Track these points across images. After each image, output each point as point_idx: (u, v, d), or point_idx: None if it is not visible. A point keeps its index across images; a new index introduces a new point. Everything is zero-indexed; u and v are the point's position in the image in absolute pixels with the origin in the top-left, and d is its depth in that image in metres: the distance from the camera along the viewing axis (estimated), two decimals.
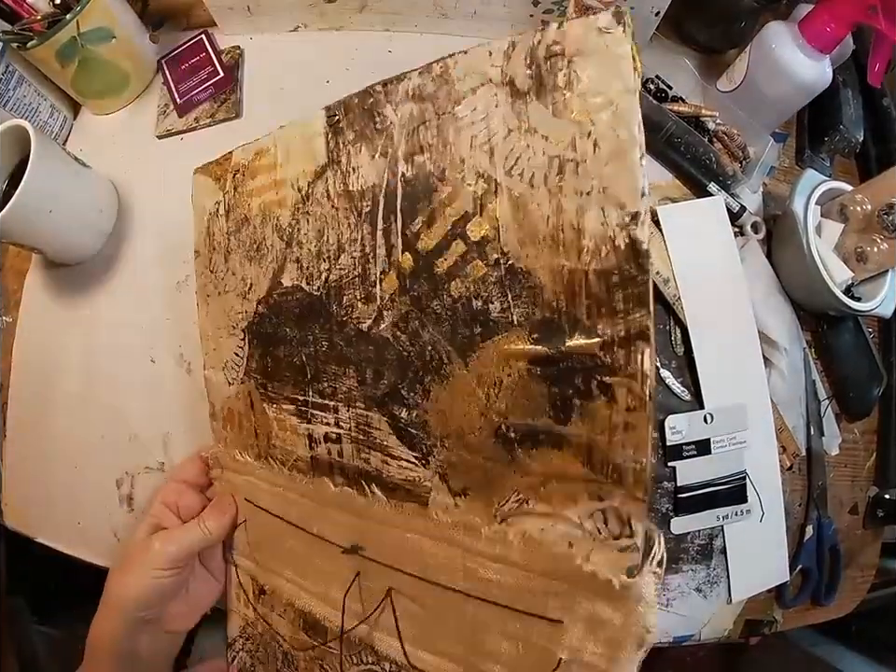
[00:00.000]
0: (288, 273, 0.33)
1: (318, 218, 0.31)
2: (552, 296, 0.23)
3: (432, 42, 0.56)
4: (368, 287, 0.29)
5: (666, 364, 0.48)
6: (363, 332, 0.30)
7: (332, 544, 0.34)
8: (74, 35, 0.48)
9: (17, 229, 0.45)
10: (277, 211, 0.34)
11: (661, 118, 0.52)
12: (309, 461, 0.34)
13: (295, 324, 0.33)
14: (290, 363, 0.34)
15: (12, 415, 0.51)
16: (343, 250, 0.30)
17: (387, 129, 0.29)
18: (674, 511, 0.46)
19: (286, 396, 0.35)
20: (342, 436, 0.32)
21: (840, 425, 0.53)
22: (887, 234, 0.47)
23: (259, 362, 0.36)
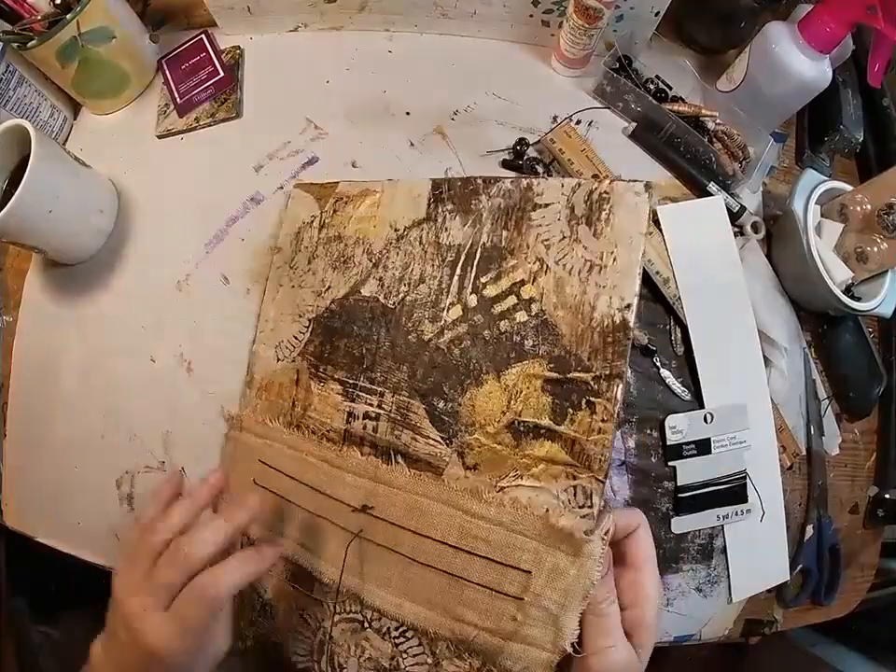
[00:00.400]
0: (369, 286, 0.43)
1: (407, 254, 0.42)
2: (567, 342, 0.35)
3: (432, 42, 0.56)
4: (437, 311, 0.40)
5: (666, 364, 0.48)
6: (424, 342, 0.40)
7: (343, 503, 0.40)
8: (74, 35, 0.48)
9: (17, 228, 0.45)
10: (372, 238, 0.44)
11: (661, 118, 0.52)
12: (342, 433, 0.42)
13: (364, 324, 0.42)
14: (349, 353, 0.43)
15: (12, 415, 0.51)
16: (423, 281, 0.41)
17: (479, 210, 0.40)
18: (674, 511, 0.46)
19: (336, 378, 0.43)
20: (380, 415, 0.40)
21: (840, 425, 0.53)
22: (887, 234, 0.47)
23: (317, 347, 0.44)
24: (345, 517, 0.40)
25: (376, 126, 0.53)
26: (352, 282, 0.44)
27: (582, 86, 0.55)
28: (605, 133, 0.54)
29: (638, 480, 0.46)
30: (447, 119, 0.53)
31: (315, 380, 0.44)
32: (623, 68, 0.52)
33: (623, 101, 0.53)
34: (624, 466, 0.46)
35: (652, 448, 0.47)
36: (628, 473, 0.46)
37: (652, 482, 0.46)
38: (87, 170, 0.50)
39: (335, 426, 0.42)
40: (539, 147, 0.52)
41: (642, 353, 0.48)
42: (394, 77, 0.55)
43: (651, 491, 0.46)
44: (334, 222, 0.46)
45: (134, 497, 0.47)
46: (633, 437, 0.47)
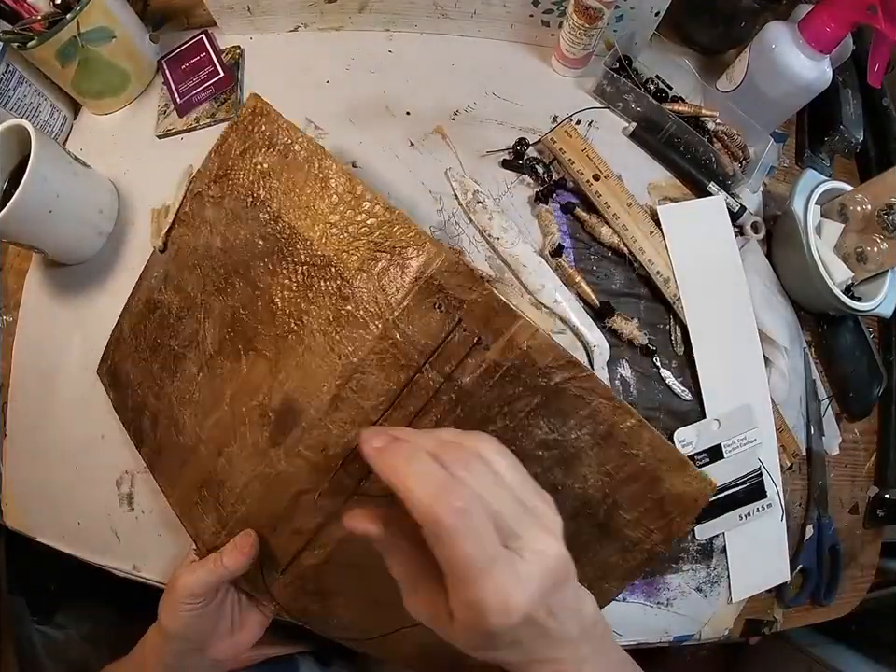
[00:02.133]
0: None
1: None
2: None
3: (432, 42, 0.56)
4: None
5: (666, 364, 0.48)
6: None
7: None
8: (74, 35, 0.48)
9: (17, 228, 0.45)
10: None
11: (661, 118, 0.52)
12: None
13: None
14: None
15: (12, 415, 0.51)
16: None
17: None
18: (696, 520, 0.46)
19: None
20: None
21: (840, 425, 0.53)
22: (887, 234, 0.48)
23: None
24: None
25: (376, 126, 0.53)
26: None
27: (582, 86, 0.55)
28: (605, 132, 0.54)
29: None
30: (447, 119, 0.53)
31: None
32: (623, 68, 0.52)
33: (623, 101, 0.53)
34: None
35: None
36: None
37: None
38: (87, 170, 0.50)
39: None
40: (539, 146, 0.52)
41: (642, 353, 0.48)
42: (394, 76, 0.55)
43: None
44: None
45: (134, 497, 0.47)
46: None
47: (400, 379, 0.32)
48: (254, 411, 0.37)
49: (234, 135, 0.40)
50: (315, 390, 0.34)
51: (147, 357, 0.43)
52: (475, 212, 0.49)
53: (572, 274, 0.48)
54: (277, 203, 0.37)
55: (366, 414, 0.33)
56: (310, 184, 0.35)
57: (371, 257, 0.33)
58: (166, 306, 0.42)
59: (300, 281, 0.35)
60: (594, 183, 0.50)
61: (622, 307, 0.49)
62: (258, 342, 0.37)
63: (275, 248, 0.36)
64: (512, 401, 0.33)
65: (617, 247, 0.49)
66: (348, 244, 0.34)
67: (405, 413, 0.33)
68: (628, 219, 0.49)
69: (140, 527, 0.47)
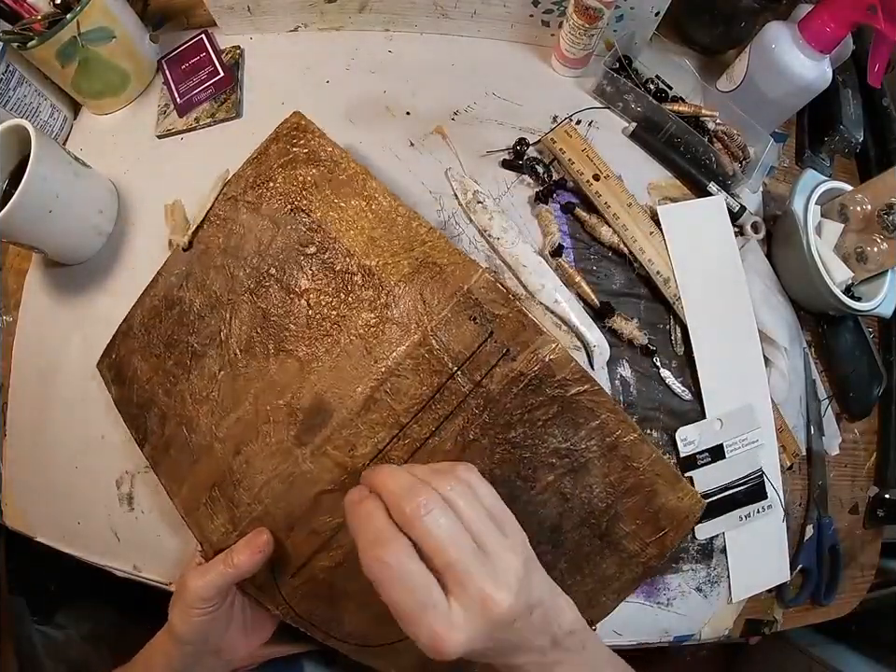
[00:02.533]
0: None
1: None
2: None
3: (432, 42, 0.56)
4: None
5: (666, 364, 0.48)
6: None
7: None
8: (74, 35, 0.48)
9: (17, 228, 0.45)
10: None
11: (661, 118, 0.52)
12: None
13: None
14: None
15: (12, 415, 0.51)
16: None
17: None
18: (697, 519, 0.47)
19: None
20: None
21: (840, 425, 0.53)
22: (887, 234, 0.48)
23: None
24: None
25: (376, 126, 0.53)
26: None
27: (582, 86, 0.55)
28: (605, 132, 0.54)
29: None
30: (447, 119, 0.53)
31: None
32: (623, 68, 0.52)
33: (623, 101, 0.53)
34: None
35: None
36: None
37: None
38: (87, 170, 0.50)
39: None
40: (539, 146, 0.52)
41: (642, 353, 0.48)
42: (394, 76, 0.55)
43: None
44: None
45: (134, 496, 0.47)
46: None
47: (434, 383, 0.35)
48: (280, 410, 0.38)
49: (275, 147, 0.43)
50: (348, 391, 0.36)
51: (160, 353, 0.43)
52: (475, 212, 0.49)
53: (572, 274, 0.48)
54: (320, 213, 0.40)
55: (397, 416, 0.36)
56: (355, 201, 0.39)
57: (413, 270, 0.37)
58: (187, 303, 0.43)
59: (339, 287, 0.38)
60: (594, 183, 0.50)
61: (622, 307, 0.49)
62: (288, 343, 0.39)
63: (315, 255, 0.39)
64: (532, 409, 0.36)
65: (617, 247, 0.49)
66: (390, 257, 0.37)
67: (434, 417, 0.36)
68: (628, 219, 0.49)
69: (140, 527, 0.47)
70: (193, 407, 0.41)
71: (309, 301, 0.39)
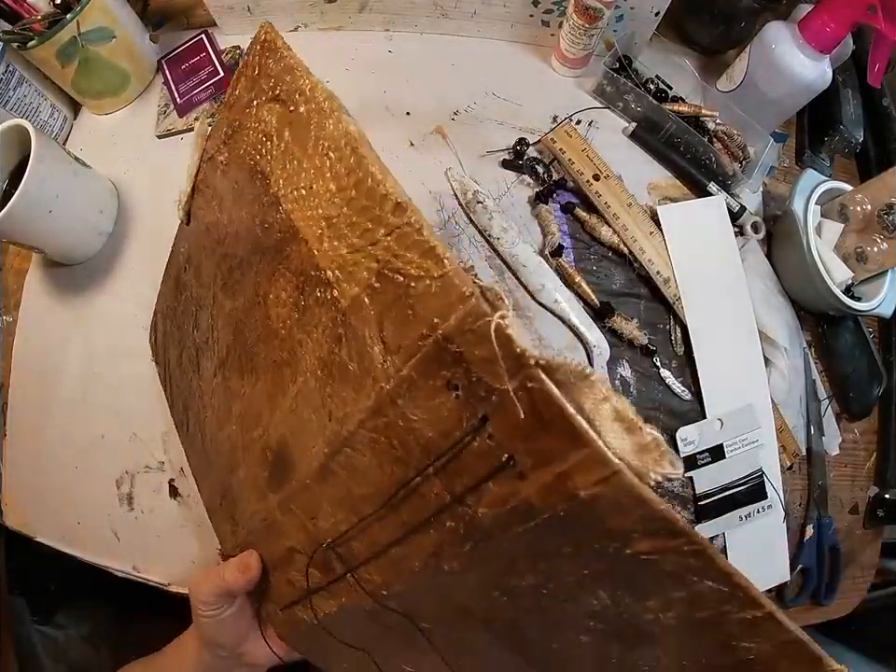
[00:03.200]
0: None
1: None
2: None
3: (432, 42, 0.56)
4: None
5: (666, 364, 0.48)
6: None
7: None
8: (74, 35, 0.48)
9: (17, 228, 0.45)
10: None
11: (661, 118, 0.52)
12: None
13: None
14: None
15: (12, 415, 0.51)
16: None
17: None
18: (696, 519, 0.46)
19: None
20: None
21: (840, 425, 0.53)
22: (887, 234, 0.47)
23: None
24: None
25: (376, 126, 0.53)
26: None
27: (582, 86, 0.55)
28: (605, 133, 0.54)
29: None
30: (447, 119, 0.53)
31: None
32: (623, 68, 0.52)
33: (623, 101, 0.53)
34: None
35: None
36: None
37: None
38: (87, 170, 0.50)
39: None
40: (539, 146, 0.52)
41: (642, 353, 0.48)
42: (394, 77, 0.55)
43: (662, 491, 0.46)
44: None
45: (134, 497, 0.47)
46: None
47: (395, 476, 0.22)
48: (255, 443, 0.31)
49: (243, 80, 0.30)
50: (306, 446, 0.26)
51: (178, 343, 0.39)
52: (475, 212, 0.49)
53: (572, 274, 0.48)
54: (276, 178, 0.27)
55: (354, 503, 0.24)
56: (310, 154, 0.25)
57: (371, 282, 0.21)
58: (189, 290, 0.36)
59: (293, 298, 0.26)
60: (594, 183, 0.50)
61: (622, 307, 0.49)
62: (256, 362, 0.30)
63: (273, 244, 0.27)
64: (552, 561, 0.20)
65: (617, 247, 0.49)
66: (346, 255, 0.23)
67: (398, 522, 0.23)
68: (628, 219, 0.49)
69: (140, 527, 0.47)
70: (203, 410, 0.36)
71: (269, 310, 0.28)
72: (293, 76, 0.27)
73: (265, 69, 0.29)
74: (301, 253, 0.25)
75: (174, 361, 0.40)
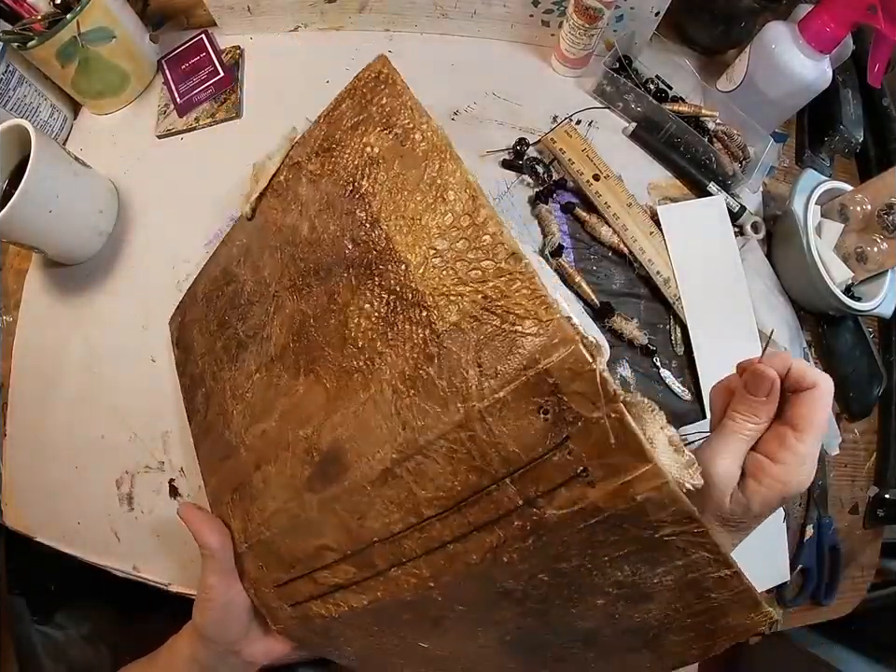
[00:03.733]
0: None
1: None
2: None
3: (432, 42, 0.56)
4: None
5: (666, 364, 0.48)
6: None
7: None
8: (74, 35, 0.48)
9: (17, 228, 0.45)
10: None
11: (661, 118, 0.52)
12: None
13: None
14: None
15: (12, 415, 0.51)
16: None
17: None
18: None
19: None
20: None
21: (840, 425, 0.53)
22: (887, 234, 0.48)
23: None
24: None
25: None
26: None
27: (582, 86, 0.55)
28: (605, 132, 0.54)
29: None
30: (447, 119, 0.53)
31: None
32: (623, 68, 0.53)
33: (623, 101, 0.53)
34: None
35: None
36: None
37: None
38: (87, 170, 0.50)
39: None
40: (539, 146, 0.52)
41: (642, 353, 0.48)
42: None
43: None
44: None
45: (134, 497, 0.47)
46: None
47: (469, 482, 0.25)
48: (300, 443, 0.32)
49: (349, 102, 0.32)
50: (367, 451, 0.28)
51: (213, 331, 0.39)
52: None
53: (572, 274, 0.48)
54: (379, 202, 0.29)
55: (417, 504, 0.27)
56: (423, 189, 0.28)
57: (474, 314, 0.25)
58: (241, 283, 0.38)
59: (381, 313, 0.28)
60: (594, 183, 0.50)
61: (622, 307, 0.49)
62: (320, 365, 0.31)
63: (364, 260, 0.30)
64: (598, 547, 0.26)
65: (617, 247, 0.49)
66: (451, 286, 0.26)
67: (463, 522, 0.26)
68: (628, 219, 0.49)
69: (140, 527, 0.47)
70: (230, 401, 0.37)
71: (347, 320, 0.30)
72: (411, 115, 0.29)
73: (378, 99, 0.31)
74: (398, 274, 0.28)
75: (201, 348, 0.40)
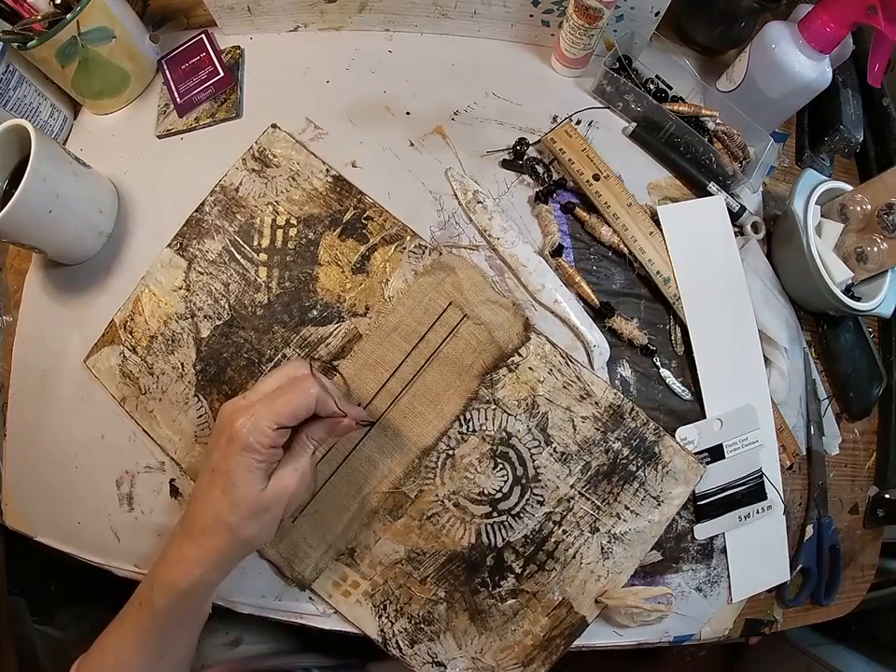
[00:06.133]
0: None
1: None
2: None
3: (432, 42, 0.56)
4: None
5: (666, 364, 0.48)
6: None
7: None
8: (74, 35, 0.48)
9: (17, 228, 0.45)
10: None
11: (661, 118, 0.52)
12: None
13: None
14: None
15: (12, 415, 0.51)
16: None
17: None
18: (695, 519, 0.47)
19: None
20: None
21: (840, 425, 0.53)
22: (887, 234, 0.48)
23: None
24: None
25: (376, 126, 0.53)
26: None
27: (582, 86, 0.55)
28: (605, 132, 0.54)
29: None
30: (447, 119, 0.53)
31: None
32: (623, 68, 0.52)
33: (623, 101, 0.53)
34: None
35: None
36: None
37: None
38: (87, 170, 0.50)
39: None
40: (539, 146, 0.52)
41: (642, 353, 0.48)
42: (394, 77, 0.55)
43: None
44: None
45: (134, 497, 0.47)
46: None
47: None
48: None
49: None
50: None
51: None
52: (475, 212, 0.49)
53: (572, 274, 0.48)
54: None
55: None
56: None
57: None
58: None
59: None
60: (594, 183, 0.50)
61: (622, 307, 0.49)
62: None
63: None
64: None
65: (617, 247, 0.49)
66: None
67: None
68: (628, 219, 0.49)
69: (140, 527, 0.47)
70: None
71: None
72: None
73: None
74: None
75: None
